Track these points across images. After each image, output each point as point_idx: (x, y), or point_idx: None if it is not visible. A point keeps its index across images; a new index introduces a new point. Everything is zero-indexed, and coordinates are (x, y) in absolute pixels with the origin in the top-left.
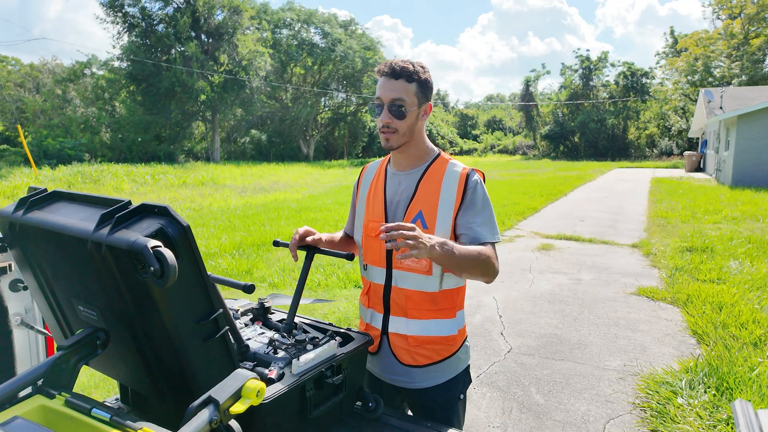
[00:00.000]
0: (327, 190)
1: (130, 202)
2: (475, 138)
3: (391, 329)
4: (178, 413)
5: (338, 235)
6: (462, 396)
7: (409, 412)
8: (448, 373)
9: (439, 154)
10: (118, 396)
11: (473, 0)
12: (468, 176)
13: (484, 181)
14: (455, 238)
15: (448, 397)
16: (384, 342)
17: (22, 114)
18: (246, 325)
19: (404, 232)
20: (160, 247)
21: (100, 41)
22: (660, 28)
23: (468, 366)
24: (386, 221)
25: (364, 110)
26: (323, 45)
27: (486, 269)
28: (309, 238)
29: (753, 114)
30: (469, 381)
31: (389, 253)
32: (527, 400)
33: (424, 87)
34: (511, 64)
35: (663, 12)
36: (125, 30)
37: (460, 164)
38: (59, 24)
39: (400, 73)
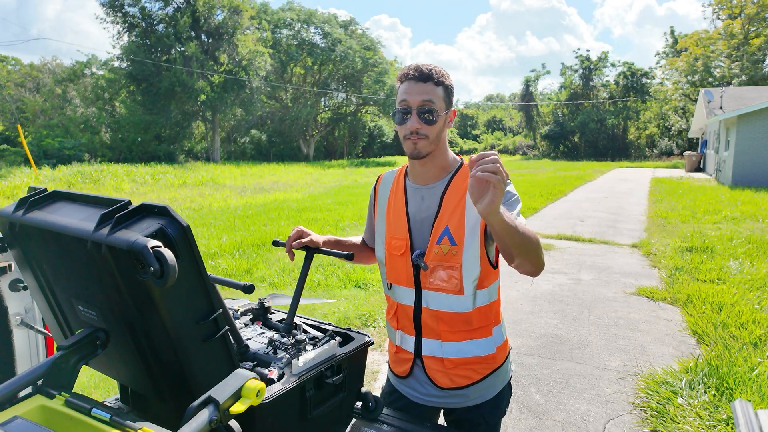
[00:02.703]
0: (327, 190)
1: (130, 202)
2: (475, 138)
3: (425, 352)
4: (178, 413)
5: (355, 239)
6: (506, 410)
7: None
8: (496, 388)
9: (462, 164)
10: (118, 396)
11: (472, 0)
12: None
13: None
14: (486, 250)
15: (495, 414)
16: (418, 365)
17: (22, 114)
18: (246, 325)
19: (487, 164)
20: (160, 247)
21: (98, 41)
22: (658, 28)
23: (510, 378)
24: (411, 239)
25: (364, 110)
26: (323, 45)
27: (539, 248)
28: (297, 242)
29: (753, 114)
30: (511, 393)
31: (417, 273)
32: (527, 400)
33: (449, 92)
34: (510, 64)
35: (661, 12)
36: (125, 30)
37: None
38: (57, 24)
39: (428, 75)
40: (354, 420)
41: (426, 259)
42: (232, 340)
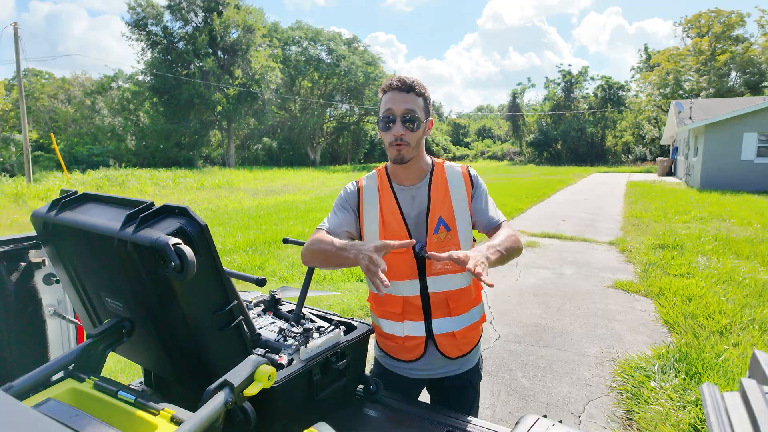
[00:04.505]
0: (332, 192)
1: (153, 204)
2: (467, 145)
3: (436, 332)
4: (197, 395)
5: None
6: (482, 371)
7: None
8: (477, 352)
9: (434, 162)
10: (142, 380)
11: (461, 21)
12: (469, 172)
13: None
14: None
15: (478, 376)
16: (430, 345)
17: (55, 123)
18: (258, 315)
19: (478, 265)
20: (180, 244)
21: (120, 56)
22: (630, 45)
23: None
24: (410, 236)
25: (365, 120)
26: (329, 60)
27: (518, 248)
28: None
29: (719, 123)
30: (482, 358)
31: (421, 264)
32: (514, 384)
33: (428, 103)
34: (495, 77)
35: (632, 30)
36: (148, 47)
37: (454, 164)
38: (83, 41)
39: (411, 86)
40: (357, 402)
41: (428, 249)
42: (245, 328)
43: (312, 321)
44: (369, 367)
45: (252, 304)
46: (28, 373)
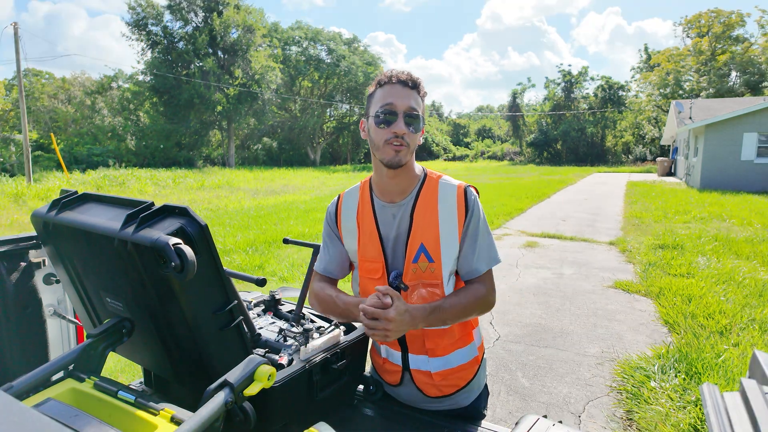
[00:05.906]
0: (332, 192)
1: (153, 204)
2: (467, 145)
3: (412, 366)
4: (197, 395)
5: (336, 292)
6: (485, 411)
7: None
8: (474, 393)
9: (426, 174)
10: (142, 380)
11: (460, 21)
12: (466, 193)
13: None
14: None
15: (475, 417)
16: (406, 377)
17: (55, 123)
18: (258, 315)
19: (376, 329)
20: (181, 244)
21: (119, 56)
22: (629, 46)
23: (486, 380)
24: (386, 262)
25: None
26: (329, 60)
27: (481, 310)
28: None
29: (719, 124)
30: (488, 393)
31: (399, 292)
32: (514, 383)
33: (423, 104)
34: (495, 77)
35: (630, 30)
36: (149, 47)
37: (453, 180)
38: (83, 41)
39: (416, 83)
40: (356, 402)
41: (404, 279)
42: (245, 328)
43: (312, 321)
44: (369, 367)
45: (252, 304)
46: (28, 373)
